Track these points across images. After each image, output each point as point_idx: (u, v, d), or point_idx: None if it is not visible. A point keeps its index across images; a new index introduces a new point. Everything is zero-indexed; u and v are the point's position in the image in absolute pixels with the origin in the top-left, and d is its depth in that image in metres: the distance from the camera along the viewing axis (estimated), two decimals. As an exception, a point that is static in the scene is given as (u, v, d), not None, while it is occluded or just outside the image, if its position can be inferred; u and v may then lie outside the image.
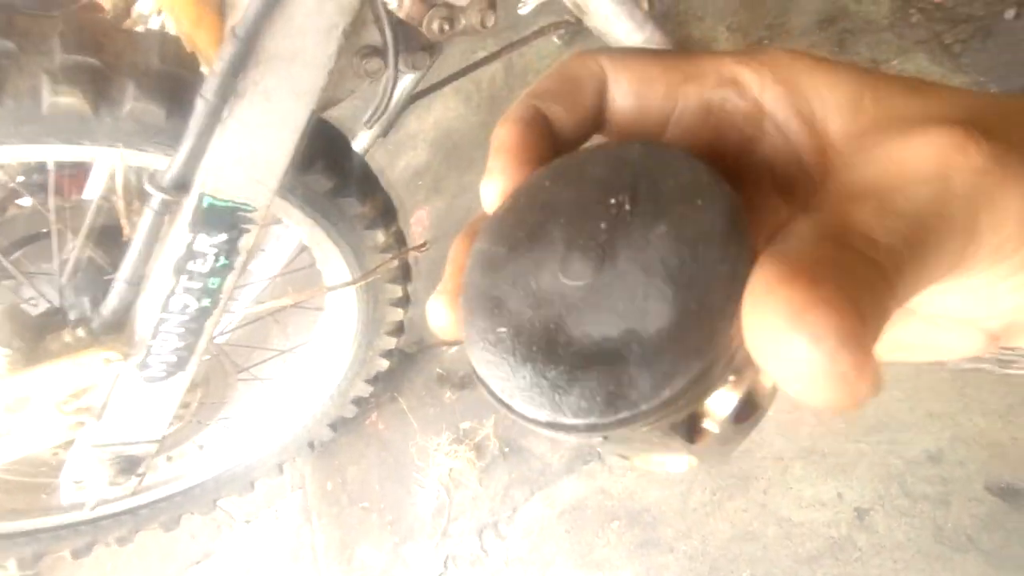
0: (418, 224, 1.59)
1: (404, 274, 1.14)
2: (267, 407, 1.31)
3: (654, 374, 0.15)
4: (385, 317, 1.18)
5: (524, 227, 0.18)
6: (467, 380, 1.34)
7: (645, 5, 1.46)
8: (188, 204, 0.72)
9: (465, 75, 1.45)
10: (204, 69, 0.73)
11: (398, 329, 1.23)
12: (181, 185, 0.70)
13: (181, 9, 0.67)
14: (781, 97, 0.17)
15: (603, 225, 0.17)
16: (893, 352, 0.21)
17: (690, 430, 0.16)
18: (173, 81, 0.72)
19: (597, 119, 0.20)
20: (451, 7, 0.65)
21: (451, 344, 1.12)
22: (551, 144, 0.19)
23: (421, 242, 1.03)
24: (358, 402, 1.32)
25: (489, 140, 0.20)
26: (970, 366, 0.86)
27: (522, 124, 0.19)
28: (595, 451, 1.11)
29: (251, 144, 0.70)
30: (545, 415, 0.16)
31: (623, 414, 0.15)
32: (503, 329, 0.17)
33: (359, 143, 1.43)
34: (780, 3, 1.26)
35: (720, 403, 0.16)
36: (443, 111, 1.70)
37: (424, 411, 1.36)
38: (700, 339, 0.15)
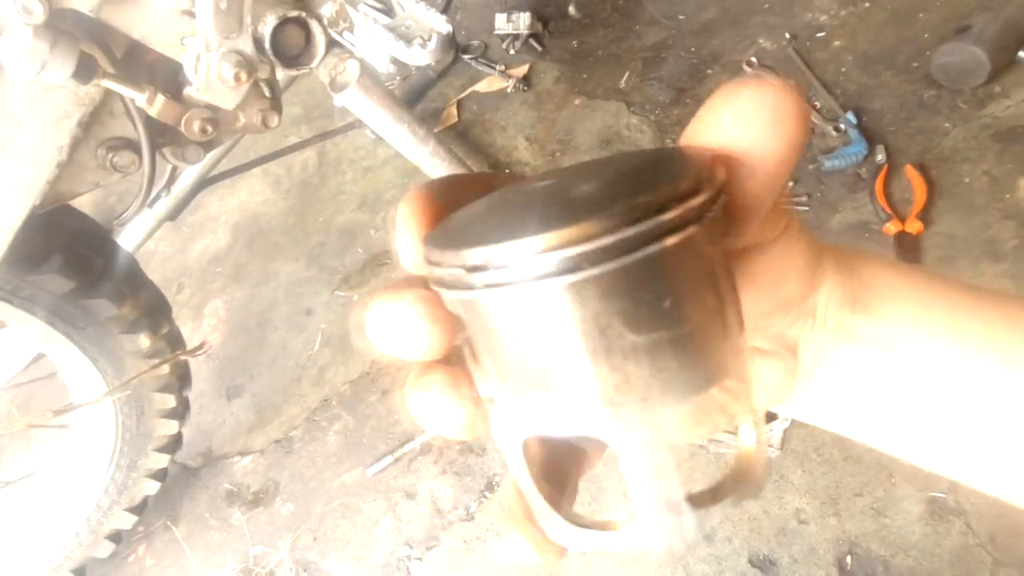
0: (213, 315, 1.43)
1: (180, 380, 0.99)
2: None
3: (669, 176, 0.16)
4: (154, 431, 1.01)
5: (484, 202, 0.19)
6: (262, 495, 1.18)
7: (455, 113, 1.56)
8: None
9: (271, 161, 1.39)
10: None
11: (172, 443, 1.05)
12: None
13: None
14: None
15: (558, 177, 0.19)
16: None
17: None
18: None
19: None
20: (214, 109, 0.61)
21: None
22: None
23: (199, 344, 0.91)
24: (116, 537, 1.09)
25: (298, 227, 0.19)
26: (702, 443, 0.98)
27: (425, 188, 0.20)
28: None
29: (-62, 244, 0.56)
30: (586, 230, 0.14)
31: (663, 189, 0.15)
32: (510, 212, 0.17)
33: (138, 227, 1.27)
34: (569, 123, 1.43)
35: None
36: (249, 194, 1.60)
37: (206, 537, 1.16)
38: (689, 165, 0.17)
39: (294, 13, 0.61)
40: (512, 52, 1.61)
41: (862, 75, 1.32)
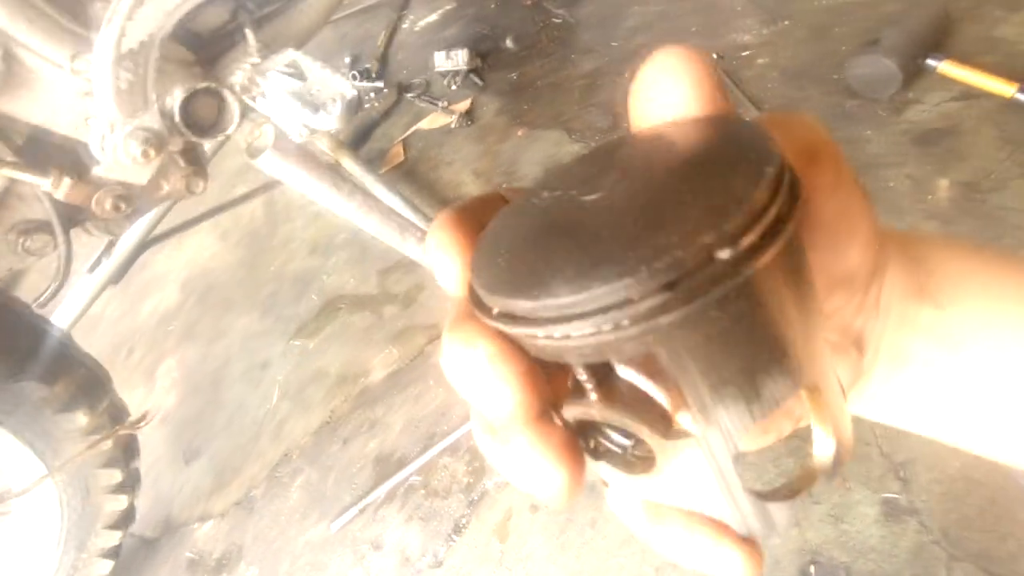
0: (166, 376, 1.39)
1: (125, 453, 0.96)
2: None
3: (746, 176, 0.15)
4: (102, 508, 0.97)
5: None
6: (225, 561, 1.14)
7: (401, 152, 1.57)
8: None
9: (216, 215, 1.38)
10: None
11: (124, 518, 1.02)
12: None
13: None
14: None
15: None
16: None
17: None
18: None
19: None
20: (127, 185, 0.61)
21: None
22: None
23: (139, 416, 0.89)
24: (70, 623, 1.04)
25: (250, 279, 0.17)
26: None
27: (457, 208, 0.19)
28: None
29: None
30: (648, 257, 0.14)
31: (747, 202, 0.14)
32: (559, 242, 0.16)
33: (78, 297, 1.24)
34: (513, 154, 1.45)
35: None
36: (197, 249, 1.57)
37: (169, 611, 1.11)
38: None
39: (203, 85, 0.62)
40: (453, 88, 1.63)
41: (787, 89, 1.37)
